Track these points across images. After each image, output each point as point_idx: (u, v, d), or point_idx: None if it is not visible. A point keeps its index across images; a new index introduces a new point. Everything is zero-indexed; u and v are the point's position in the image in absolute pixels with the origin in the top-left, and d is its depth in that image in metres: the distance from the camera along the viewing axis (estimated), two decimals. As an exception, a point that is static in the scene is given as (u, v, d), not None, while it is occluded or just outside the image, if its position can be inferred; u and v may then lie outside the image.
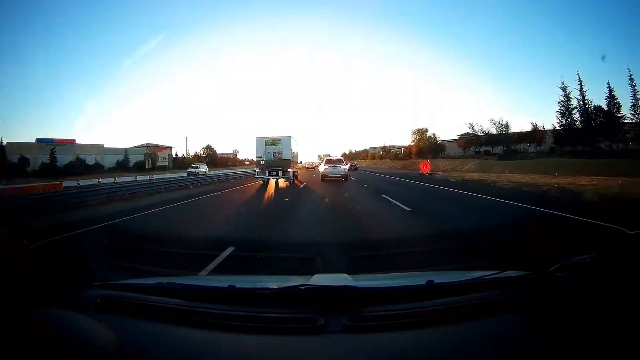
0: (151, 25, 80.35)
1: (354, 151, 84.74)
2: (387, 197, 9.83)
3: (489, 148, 46.98)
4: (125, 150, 51.73)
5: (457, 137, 52.89)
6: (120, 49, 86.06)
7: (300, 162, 35.84)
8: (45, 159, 40.21)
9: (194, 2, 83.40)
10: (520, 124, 74.27)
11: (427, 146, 51.62)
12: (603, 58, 55.99)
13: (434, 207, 8.48)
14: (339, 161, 19.46)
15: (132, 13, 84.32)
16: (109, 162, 47.79)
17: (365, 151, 79.93)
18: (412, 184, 15.68)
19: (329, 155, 39.51)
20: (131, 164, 48.70)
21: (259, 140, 16.68)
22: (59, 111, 75.36)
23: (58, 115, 75.44)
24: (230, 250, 3.94)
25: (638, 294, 1.06)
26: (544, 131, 42.09)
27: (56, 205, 9.18)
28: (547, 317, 1.08)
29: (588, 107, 35.64)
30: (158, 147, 56.69)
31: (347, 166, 20.46)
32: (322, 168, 19.51)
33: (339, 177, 17.84)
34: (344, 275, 1.50)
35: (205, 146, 65.33)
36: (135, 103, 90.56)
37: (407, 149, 58.57)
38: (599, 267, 1.17)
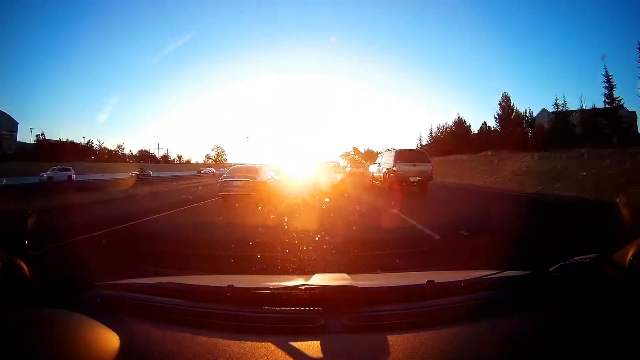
0: (149, 30, 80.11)
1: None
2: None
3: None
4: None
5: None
6: (118, 54, 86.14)
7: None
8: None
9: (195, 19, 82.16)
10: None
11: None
12: (603, 57, 55.85)
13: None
14: (333, 167, 15.08)
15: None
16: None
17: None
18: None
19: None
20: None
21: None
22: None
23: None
24: None
25: (638, 293, 1.06)
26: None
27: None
28: (547, 317, 1.08)
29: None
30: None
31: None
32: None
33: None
34: (344, 274, 1.50)
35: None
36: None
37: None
38: (599, 267, 1.17)
